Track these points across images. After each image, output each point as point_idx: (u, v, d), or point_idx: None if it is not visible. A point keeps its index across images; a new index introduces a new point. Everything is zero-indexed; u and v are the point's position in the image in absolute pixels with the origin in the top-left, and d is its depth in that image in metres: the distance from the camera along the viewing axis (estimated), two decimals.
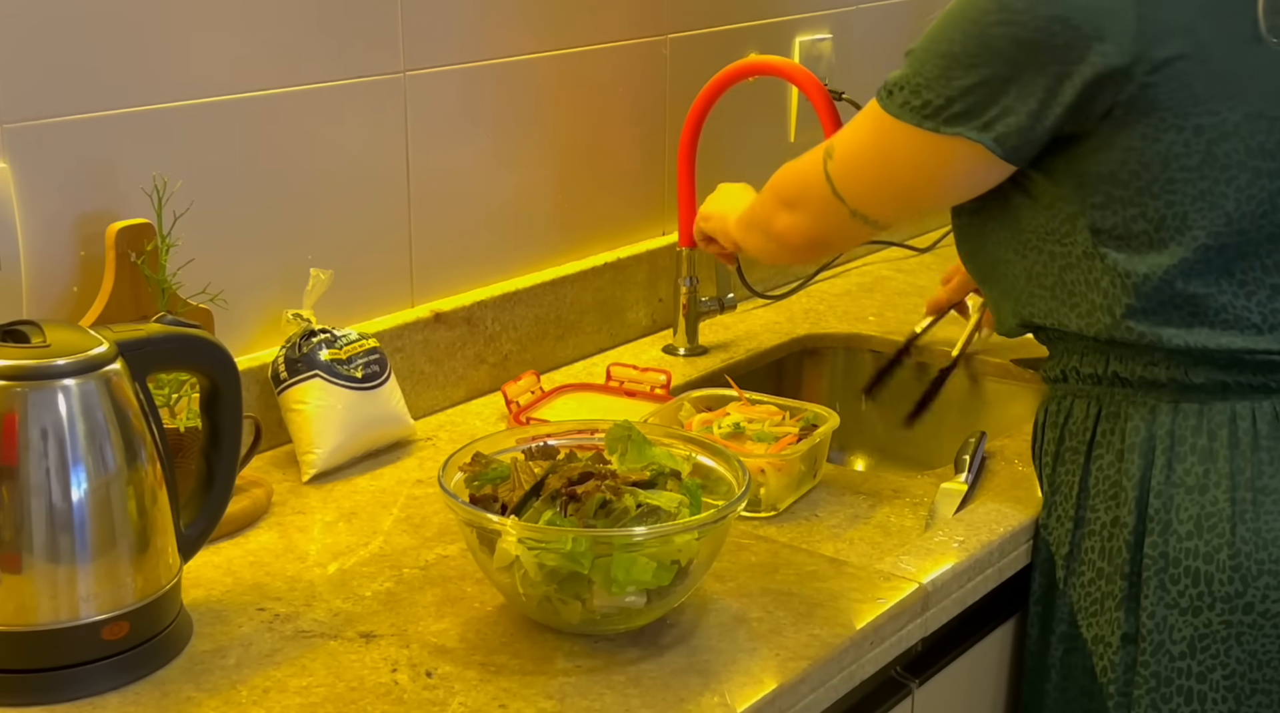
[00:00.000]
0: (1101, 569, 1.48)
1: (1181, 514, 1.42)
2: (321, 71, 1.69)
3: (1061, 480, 1.53)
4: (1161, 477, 1.43)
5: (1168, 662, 1.43)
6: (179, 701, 1.22)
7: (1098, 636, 1.49)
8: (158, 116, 1.55)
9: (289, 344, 1.65)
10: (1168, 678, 1.43)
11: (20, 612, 1.21)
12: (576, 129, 2.01)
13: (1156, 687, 1.44)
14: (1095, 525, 1.49)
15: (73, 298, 1.52)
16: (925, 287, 2.30)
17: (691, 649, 1.31)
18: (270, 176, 1.66)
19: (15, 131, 1.45)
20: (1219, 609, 1.41)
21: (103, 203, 1.52)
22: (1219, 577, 1.40)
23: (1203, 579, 1.41)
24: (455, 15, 1.81)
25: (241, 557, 1.46)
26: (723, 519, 1.31)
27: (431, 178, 1.83)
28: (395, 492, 1.62)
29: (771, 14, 2.25)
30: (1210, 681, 1.42)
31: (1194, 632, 1.42)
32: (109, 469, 1.22)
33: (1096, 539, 1.49)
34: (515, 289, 1.92)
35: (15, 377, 1.20)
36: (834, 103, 1.93)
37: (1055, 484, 1.54)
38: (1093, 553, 1.50)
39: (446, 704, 1.22)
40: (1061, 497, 1.53)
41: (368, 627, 1.34)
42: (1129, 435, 1.46)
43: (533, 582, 1.28)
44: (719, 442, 1.51)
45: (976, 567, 1.49)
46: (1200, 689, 1.42)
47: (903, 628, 1.40)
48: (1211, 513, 1.41)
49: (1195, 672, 1.42)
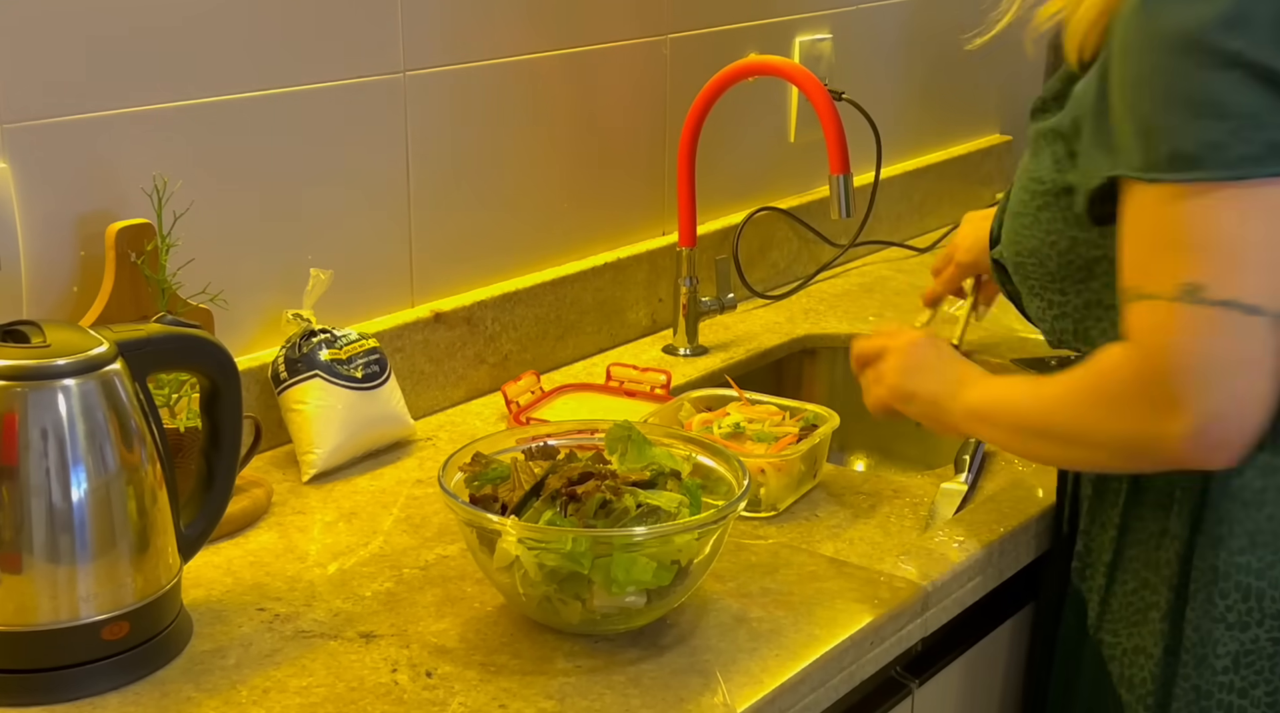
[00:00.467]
0: (1147, 579, 1.43)
1: (1236, 528, 1.36)
2: (321, 71, 1.69)
3: (1108, 486, 1.46)
4: (1219, 489, 1.36)
5: (1210, 676, 1.38)
6: (179, 701, 1.22)
7: (1138, 646, 1.43)
8: (158, 116, 1.55)
9: (289, 344, 1.65)
10: (1208, 692, 1.38)
11: (20, 612, 1.21)
12: (576, 129, 2.01)
13: (1195, 700, 1.39)
14: (1142, 535, 1.43)
15: (73, 298, 1.52)
16: (925, 286, 2.30)
17: (691, 649, 1.31)
18: (270, 177, 1.66)
19: (15, 131, 1.45)
20: (1268, 626, 1.36)
21: (103, 203, 1.52)
22: (1270, 593, 1.35)
23: (1253, 595, 1.36)
24: (455, 15, 1.81)
25: (241, 557, 1.46)
26: (723, 519, 1.31)
27: (431, 178, 1.83)
28: (395, 492, 1.62)
29: (771, 14, 2.25)
30: (1252, 697, 1.38)
31: (1239, 647, 1.37)
32: (109, 469, 1.22)
33: (1142, 549, 1.43)
34: (515, 289, 1.92)
35: (15, 377, 1.20)
36: (834, 103, 1.93)
37: (1101, 490, 1.47)
38: (1137, 562, 1.44)
39: (446, 704, 1.22)
40: (1107, 503, 1.46)
41: (368, 627, 1.34)
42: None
43: (533, 582, 1.28)
44: (719, 442, 1.51)
45: (976, 567, 1.49)
46: (1241, 704, 1.38)
47: (903, 628, 1.40)
48: (1266, 529, 1.35)
49: (1237, 687, 1.37)
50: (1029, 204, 1.43)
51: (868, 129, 2.27)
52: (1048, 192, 1.40)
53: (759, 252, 2.27)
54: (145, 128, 1.54)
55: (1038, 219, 1.42)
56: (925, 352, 1.53)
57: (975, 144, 2.77)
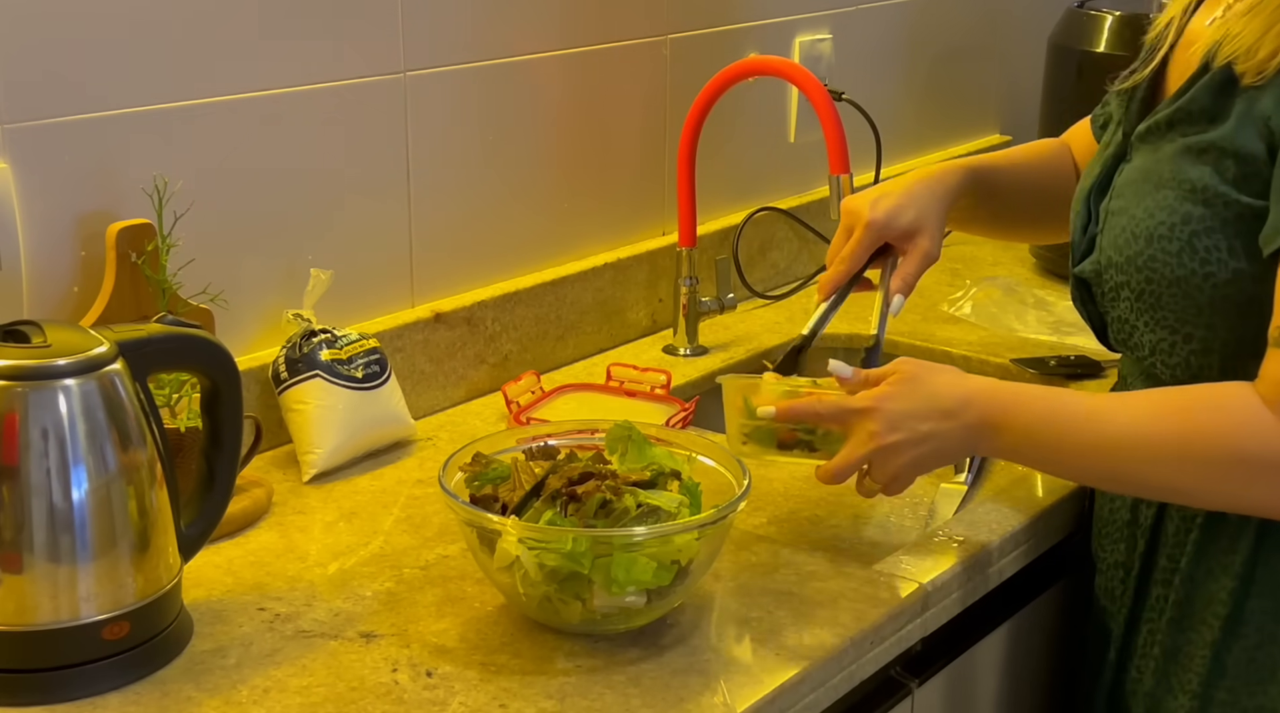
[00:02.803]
0: (1275, 633, 1.33)
1: None
2: (321, 71, 1.69)
3: (1221, 531, 1.36)
4: None
5: None
6: (179, 701, 1.22)
7: (1261, 705, 1.34)
8: (158, 116, 1.55)
9: (289, 344, 1.65)
10: None
11: (21, 612, 1.21)
12: (576, 129, 2.01)
13: None
14: (1270, 585, 1.33)
15: (73, 298, 1.52)
16: (925, 286, 2.29)
17: (691, 649, 1.31)
18: (270, 177, 1.66)
19: (15, 131, 1.45)
20: None
21: (103, 203, 1.52)
22: None
23: None
24: (455, 15, 1.81)
25: (242, 557, 1.46)
26: (723, 519, 1.31)
27: (431, 178, 1.83)
28: (395, 492, 1.62)
29: (771, 14, 2.25)
30: None
31: None
32: (109, 469, 1.22)
33: (1270, 599, 1.33)
34: (515, 289, 1.92)
35: (15, 377, 1.20)
36: (834, 103, 1.93)
37: (1213, 533, 1.36)
38: (1264, 614, 1.34)
39: (446, 704, 1.23)
40: (1221, 549, 1.36)
41: (368, 627, 1.34)
42: None
43: (533, 582, 1.28)
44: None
45: (976, 567, 1.49)
46: None
47: (903, 628, 1.40)
48: None
49: None
50: (1179, 228, 1.31)
51: (868, 129, 2.27)
52: (1215, 216, 1.29)
53: (759, 252, 2.27)
54: (145, 128, 1.54)
55: (1191, 246, 1.31)
56: (919, 406, 1.35)
57: (975, 144, 2.77)
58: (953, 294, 2.27)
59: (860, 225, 1.54)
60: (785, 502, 1.60)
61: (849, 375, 1.38)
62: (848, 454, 1.37)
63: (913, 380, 1.36)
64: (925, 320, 2.18)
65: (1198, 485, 1.27)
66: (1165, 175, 1.34)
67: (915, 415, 1.34)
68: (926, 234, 1.54)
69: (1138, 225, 1.35)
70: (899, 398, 1.35)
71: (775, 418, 1.39)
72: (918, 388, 1.35)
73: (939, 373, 1.37)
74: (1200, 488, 1.28)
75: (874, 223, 1.53)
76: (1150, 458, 1.27)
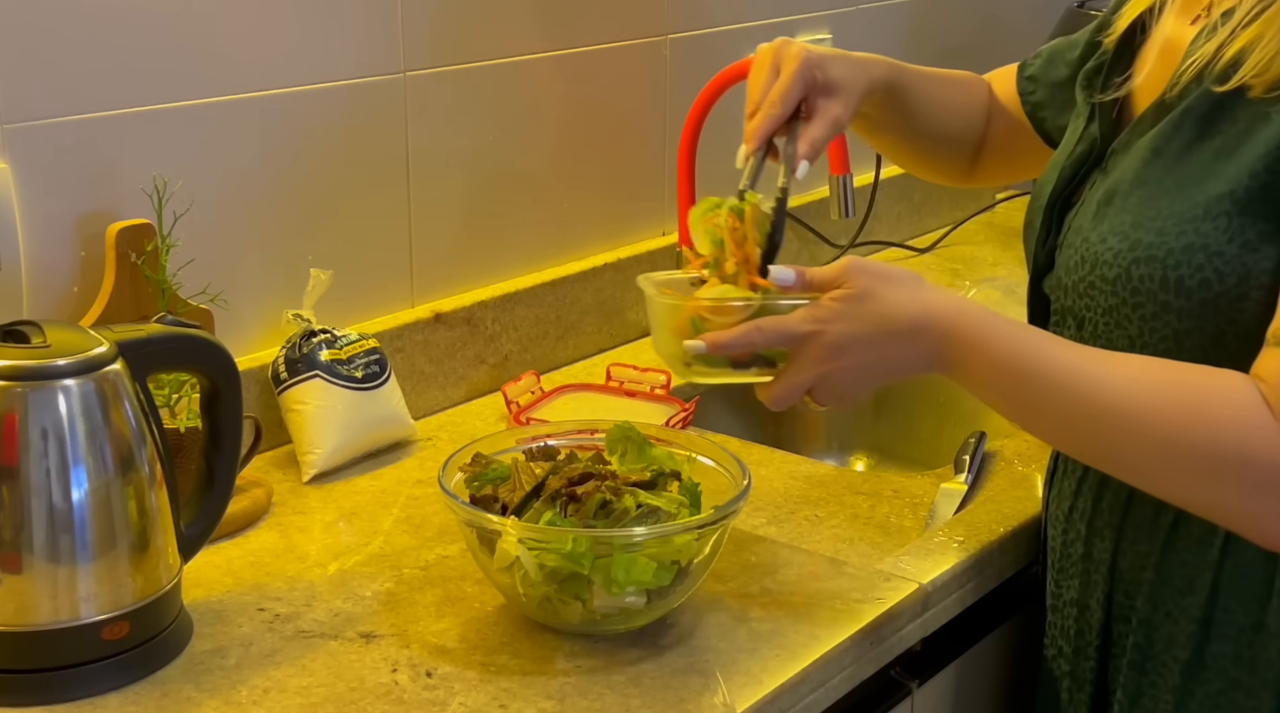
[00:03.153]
0: (1239, 680, 1.26)
1: None
2: (321, 71, 1.69)
3: (1175, 573, 1.29)
4: None
5: None
6: (179, 701, 1.22)
7: None
8: (158, 116, 1.55)
9: (289, 344, 1.65)
10: None
11: (20, 612, 1.21)
12: (576, 129, 2.01)
13: None
14: (1230, 629, 1.26)
15: (73, 298, 1.52)
16: None
17: (691, 649, 1.31)
18: (270, 176, 1.66)
19: (15, 131, 1.45)
20: None
21: (103, 203, 1.52)
22: None
23: None
24: (455, 15, 1.81)
25: (242, 557, 1.46)
26: (723, 519, 1.31)
27: (431, 178, 1.83)
28: (395, 492, 1.62)
29: (771, 14, 2.25)
30: None
31: None
32: (109, 469, 1.22)
33: (1231, 644, 1.26)
34: (515, 289, 1.92)
35: (15, 377, 1.20)
36: None
37: (1165, 575, 1.30)
38: (1225, 659, 1.27)
39: (446, 704, 1.22)
40: (1177, 590, 1.29)
41: (368, 627, 1.34)
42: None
43: (533, 582, 1.28)
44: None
45: (976, 567, 1.49)
46: None
47: (903, 628, 1.40)
48: None
49: None
50: (1209, 208, 1.21)
51: None
52: (1222, 231, 1.20)
53: None
54: (145, 128, 1.54)
55: (1214, 229, 1.21)
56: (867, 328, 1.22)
57: None
58: None
59: (792, 61, 1.39)
60: (785, 502, 1.60)
61: (792, 281, 1.24)
62: (790, 379, 1.24)
63: (862, 298, 1.22)
64: None
65: (1176, 475, 1.17)
66: (1168, 188, 1.25)
67: (863, 339, 1.22)
68: (842, 99, 1.41)
69: (1146, 206, 1.26)
70: (846, 318, 1.22)
71: (709, 351, 1.24)
72: (868, 307, 1.22)
73: (894, 287, 1.23)
74: (1178, 478, 1.18)
75: (808, 59, 1.39)
76: (1131, 433, 1.17)
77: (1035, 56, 1.61)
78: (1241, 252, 1.19)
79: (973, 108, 1.64)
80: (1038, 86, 1.59)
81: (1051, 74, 1.58)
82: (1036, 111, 1.59)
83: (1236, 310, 1.20)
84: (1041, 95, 1.59)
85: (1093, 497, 1.37)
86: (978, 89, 1.66)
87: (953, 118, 1.63)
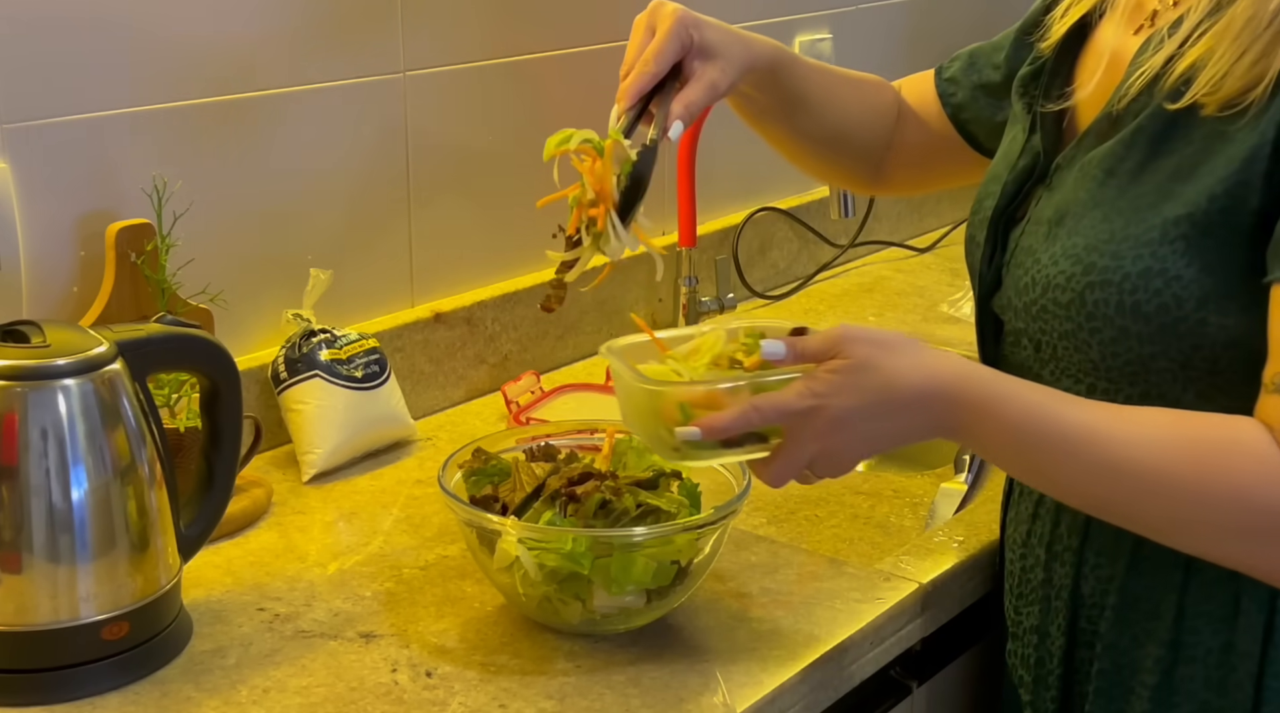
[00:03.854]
0: (1209, 703, 1.24)
1: None
2: (321, 71, 1.69)
3: (1140, 595, 1.27)
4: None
5: None
6: (179, 701, 1.22)
7: None
8: (158, 116, 1.55)
9: (289, 344, 1.65)
10: None
11: (20, 612, 1.21)
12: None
13: None
14: (1199, 651, 1.24)
15: (73, 298, 1.52)
16: (925, 286, 2.30)
17: (691, 649, 1.31)
18: (270, 176, 1.66)
19: (15, 131, 1.45)
20: None
21: (103, 203, 1.52)
22: None
23: None
24: (455, 15, 1.81)
25: (241, 557, 1.46)
26: (722, 519, 1.31)
27: (431, 178, 1.83)
28: (395, 492, 1.62)
29: (771, 14, 2.25)
30: None
31: None
32: (109, 469, 1.22)
33: (1200, 666, 1.24)
34: (515, 289, 1.92)
35: (15, 377, 1.20)
36: None
37: (1130, 598, 1.27)
38: (1195, 683, 1.24)
39: (446, 704, 1.22)
40: (1143, 614, 1.27)
41: (368, 627, 1.34)
42: None
43: (533, 582, 1.28)
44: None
45: (976, 567, 1.49)
46: None
47: (903, 628, 1.40)
48: None
49: None
50: (1165, 232, 1.18)
51: None
52: (1181, 254, 1.18)
53: (759, 252, 2.27)
54: (145, 128, 1.54)
55: (1172, 253, 1.18)
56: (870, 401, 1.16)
57: None
58: (953, 295, 2.27)
59: (666, 19, 1.34)
60: (785, 502, 1.60)
61: (782, 354, 1.19)
62: (790, 457, 1.18)
63: (862, 368, 1.16)
64: (925, 320, 2.18)
65: (1206, 533, 1.15)
66: (1122, 210, 1.22)
67: (866, 411, 1.16)
68: (720, 65, 1.36)
69: (1074, 264, 1.22)
70: (846, 391, 1.15)
71: (703, 437, 1.17)
72: (869, 378, 1.16)
73: (894, 354, 1.17)
74: (1207, 535, 1.15)
75: (683, 18, 1.34)
76: (1153, 494, 1.14)
77: (953, 60, 1.55)
78: (1200, 275, 1.17)
79: (875, 110, 1.57)
80: (958, 88, 1.54)
81: (974, 77, 1.53)
82: (959, 113, 1.53)
83: (1198, 335, 1.18)
84: (963, 97, 1.53)
85: (1051, 521, 1.33)
86: (882, 93, 1.59)
87: (850, 118, 1.56)
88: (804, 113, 1.52)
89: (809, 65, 1.53)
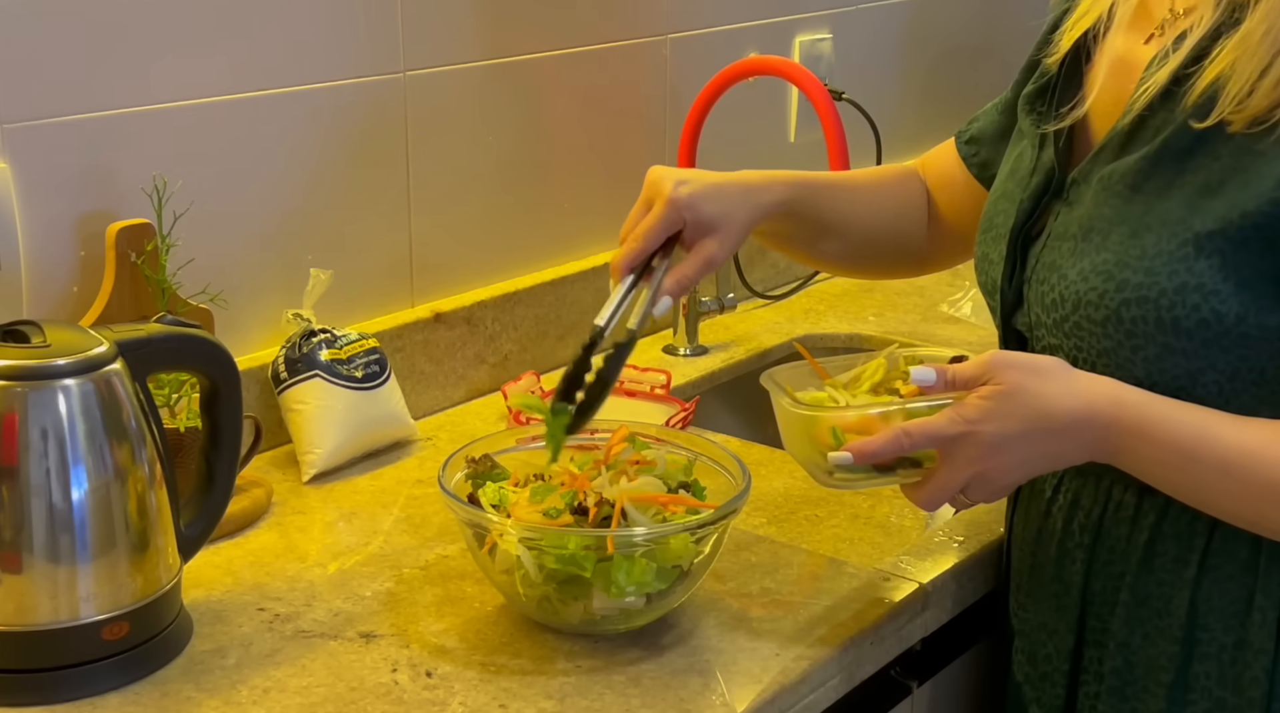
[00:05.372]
0: (1223, 699, 1.25)
1: None
2: (321, 71, 1.69)
3: (1151, 593, 1.27)
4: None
5: None
6: (179, 701, 1.22)
7: None
8: (158, 116, 1.55)
9: (289, 344, 1.65)
10: None
11: (20, 612, 1.21)
12: (576, 129, 2.01)
13: None
14: (1212, 648, 1.25)
15: (73, 298, 1.52)
16: (925, 286, 2.30)
17: (691, 649, 1.31)
18: (270, 176, 1.66)
19: (15, 131, 1.45)
20: None
21: (103, 203, 1.52)
22: None
23: None
24: (455, 15, 1.81)
25: (241, 557, 1.46)
26: (722, 520, 1.31)
27: (431, 178, 1.83)
28: (395, 492, 1.62)
29: (771, 14, 2.25)
30: None
31: None
32: (109, 469, 1.22)
33: (1214, 663, 1.25)
34: (515, 289, 1.92)
35: (15, 377, 1.20)
36: (834, 103, 1.93)
37: (1142, 596, 1.28)
38: (1209, 679, 1.25)
39: (446, 704, 1.22)
40: (1153, 611, 1.27)
41: (368, 627, 1.34)
42: (1267, 544, 1.22)
43: (533, 582, 1.28)
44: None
45: (977, 566, 1.49)
46: None
47: (903, 628, 1.40)
48: None
49: None
50: (1200, 246, 1.19)
51: (868, 129, 2.27)
52: (1215, 268, 1.18)
53: (759, 252, 2.27)
54: (145, 128, 1.54)
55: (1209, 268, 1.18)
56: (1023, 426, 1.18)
57: None
58: (953, 295, 2.27)
59: (661, 200, 1.35)
60: (785, 502, 1.60)
61: (933, 381, 1.21)
62: (943, 481, 1.21)
63: (1014, 395, 1.18)
64: (925, 320, 2.18)
65: None
66: (1151, 226, 1.22)
67: (1020, 436, 1.18)
68: (719, 238, 1.36)
69: (1106, 281, 1.23)
70: (998, 416, 1.18)
71: (855, 461, 1.21)
72: (1021, 404, 1.18)
73: (1046, 380, 1.19)
74: None
75: (675, 201, 1.34)
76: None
77: (970, 122, 1.55)
78: (1238, 289, 1.17)
79: (904, 207, 1.56)
80: (980, 147, 1.53)
81: (991, 129, 1.52)
82: (984, 172, 1.51)
83: (1243, 347, 1.18)
84: (986, 153, 1.52)
85: (1064, 519, 1.34)
86: (908, 185, 1.57)
87: (881, 224, 1.55)
88: (832, 236, 1.51)
89: (828, 187, 1.50)
